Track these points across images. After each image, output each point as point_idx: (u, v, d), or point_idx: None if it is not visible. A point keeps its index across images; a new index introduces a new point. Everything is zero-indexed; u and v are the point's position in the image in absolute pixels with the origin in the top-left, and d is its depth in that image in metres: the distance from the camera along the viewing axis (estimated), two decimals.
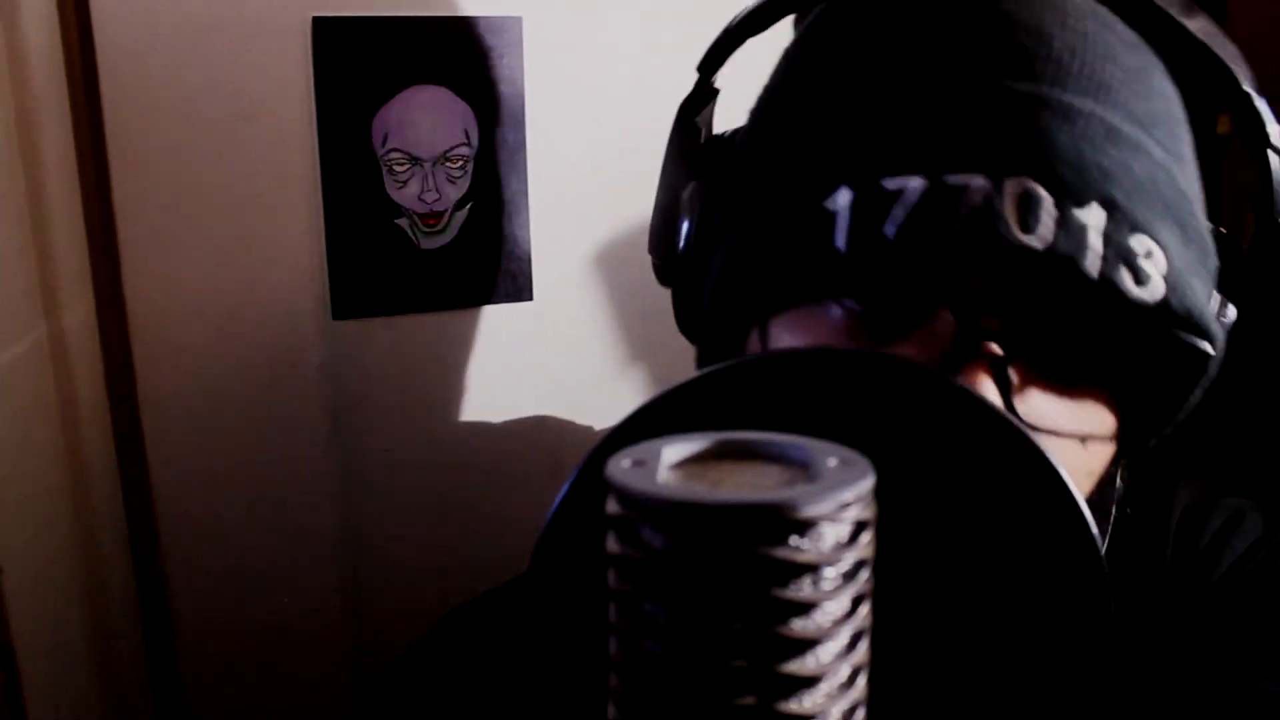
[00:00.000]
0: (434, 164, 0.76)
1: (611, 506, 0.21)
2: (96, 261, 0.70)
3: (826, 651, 0.20)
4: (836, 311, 0.43)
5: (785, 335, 0.45)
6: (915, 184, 0.39)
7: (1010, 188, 0.38)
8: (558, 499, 0.33)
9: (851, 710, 0.21)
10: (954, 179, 0.39)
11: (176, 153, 0.70)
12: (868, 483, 0.21)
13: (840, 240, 0.40)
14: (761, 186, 0.45)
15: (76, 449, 0.71)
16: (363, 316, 0.77)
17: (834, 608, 0.20)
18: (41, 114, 0.67)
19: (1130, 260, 0.39)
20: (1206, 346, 0.41)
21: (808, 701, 0.20)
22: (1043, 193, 0.38)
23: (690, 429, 0.24)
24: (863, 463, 0.21)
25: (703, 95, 0.52)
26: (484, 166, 0.78)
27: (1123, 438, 0.45)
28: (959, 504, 0.32)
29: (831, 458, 0.21)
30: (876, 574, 0.22)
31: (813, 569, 0.20)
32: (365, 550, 0.80)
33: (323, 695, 0.79)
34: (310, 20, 0.71)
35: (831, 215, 0.40)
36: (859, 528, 0.21)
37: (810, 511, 0.19)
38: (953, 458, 0.32)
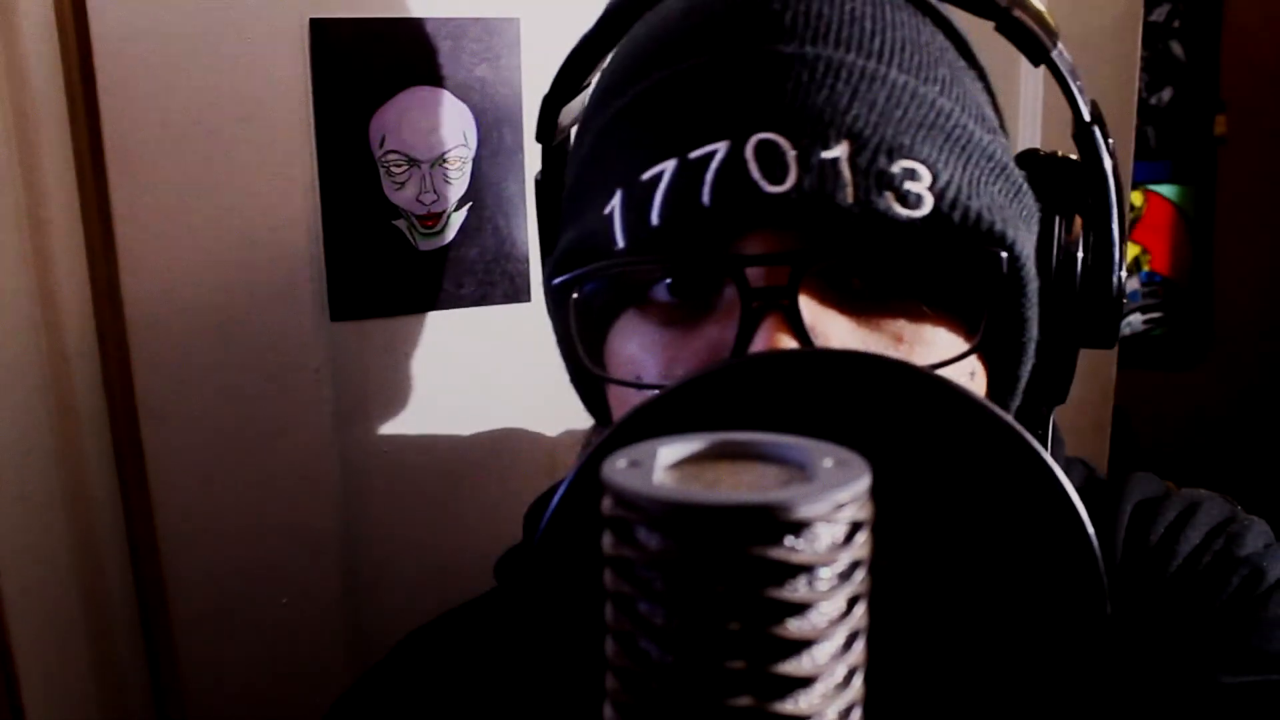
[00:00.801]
0: (432, 165, 0.76)
1: (607, 507, 0.21)
2: (94, 262, 0.70)
3: (822, 652, 0.20)
4: (651, 305, 0.46)
5: (617, 340, 0.47)
6: (668, 168, 0.42)
7: (750, 145, 0.41)
8: (555, 500, 0.33)
9: (848, 711, 0.21)
10: (696, 153, 0.41)
11: (174, 155, 0.70)
12: (863, 483, 0.21)
13: (619, 240, 0.43)
14: (565, 196, 0.49)
15: (75, 449, 0.71)
16: (361, 318, 0.77)
17: (830, 608, 0.20)
18: (40, 117, 0.67)
19: (889, 183, 0.41)
20: (1000, 254, 0.42)
21: (804, 702, 0.20)
22: (782, 141, 0.41)
23: (687, 430, 0.24)
24: (859, 463, 0.21)
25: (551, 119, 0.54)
26: (482, 168, 0.78)
27: (989, 366, 0.47)
28: (955, 504, 0.32)
29: (827, 458, 0.22)
30: (872, 574, 0.22)
31: (808, 569, 0.20)
32: (365, 550, 0.80)
33: (322, 695, 0.78)
34: (308, 22, 0.72)
35: (609, 218, 0.43)
36: (855, 528, 0.21)
37: (805, 512, 0.20)
38: (949, 458, 0.32)
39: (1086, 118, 0.48)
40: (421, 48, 0.74)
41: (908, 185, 0.41)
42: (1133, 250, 2.09)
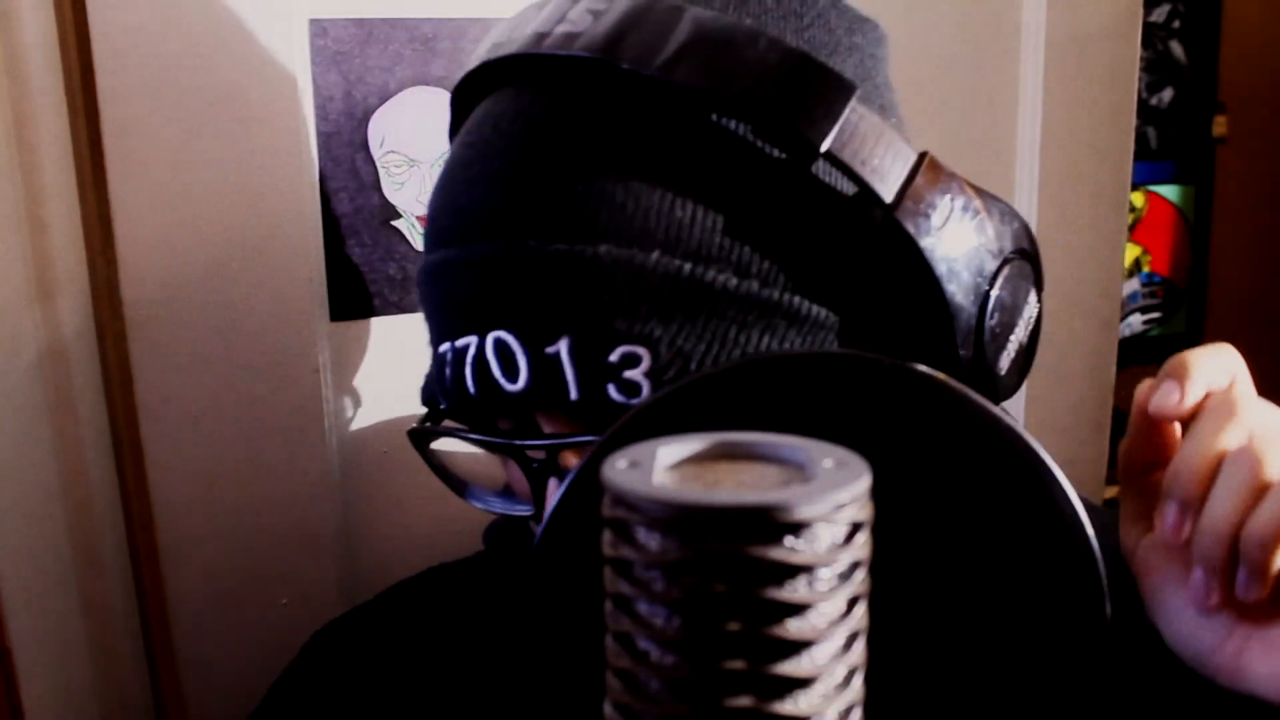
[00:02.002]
0: (432, 166, 0.76)
1: (607, 508, 0.21)
2: (94, 262, 0.70)
3: (822, 652, 0.20)
4: None
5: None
6: (447, 352, 0.47)
7: (490, 343, 0.44)
8: (555, 500, 0.33)
9: (847, 711, 0.21)
10: (459, 342, 0.46)
11: (174, 154, 0.70)
12: (863, 484, 0.21)
13: (441, 401, 0.49)
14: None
15: (74, 450, 0.71)
16: (361, 318, 0.77)
17: (829, 609, 0.20)
18: (39, 116, 0.67)
19: (610, 374, 0.43)
20: None
21: (803, 702, 0.20)
22: (512, 340, 0.44)
23: (686, 430, 0.24)
24: (858, 464, 0.21)
25: None
26: None
27: None
28: (955, 505, 0.32)
29: (827, 459, 0.22)
30: (872, 574, 0.22)
31: (808, 570, 0.20)
32: (364, 550, 0.80)
33: None
34: (308, 22, 0.72)
35: (443, 357, 0.48)
36: (854, 529, 0.21)
37: (805, 513, 0.20)
38: (949, 459, 0.32)
39: (889, 200, 0.43)
40: (422, 48, 0.74)
41: (627, 373, 0.42)
42: (1133, 251, 2.09)
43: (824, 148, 0.41)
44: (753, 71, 0.42)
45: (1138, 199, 2.07)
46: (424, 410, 0.54)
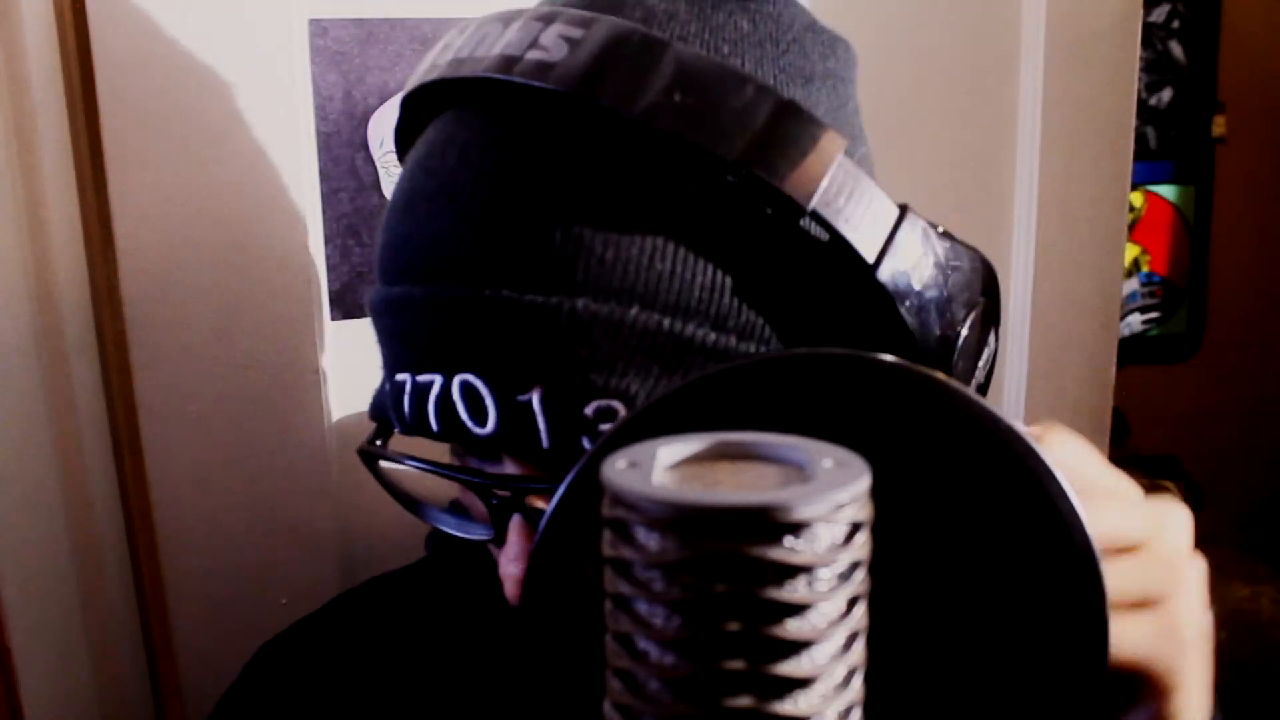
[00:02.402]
0: None
1: (607, 508, 0.21)
2: (94, 262, 0.70)
3: (822, 652, 0.20)
4: None
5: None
6: (407, 383, 0.45)
7: (456, 385, 0.43)
8: (554, 500, 0.33)
9: (847, 711, 0.21)
10: (422, 378, 0.44)
11: (173, 154, 0.70)
12: (863, 484, 0.21)
13: (396, 424, 0.48)
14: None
15: (74, 449, 0.71)
16: (360, 318, 0.77)
17: (829, 609, 0.20)
18: (39, 117, 0.67)
19: (584, 426, 0.42)
20: None
21: (803, 702, 0.20)
22: (480, 385, 0.43)
23: (686, 430, 0.24)
24: (858, 464, 0.21)
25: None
26: None
27: None
28: (954, 505, 0.32)
29: (827, 459, 0.22)
30: (872, 575, 0.22)
31: (808, 570, 0.20)
32: (364, 550, 0.80)
33: None
34: (307, 22, 0.72)
35: (389, 392, 0.48)
36: (854, 529, 0.21)
37: (805, 513, 0.20)
38: (948, 459, 0.32)
39: (870, 259, 0.42)
40: (422, 48, 0.74)
41: (602, 426, 0.42)
42: (1132, 251, 2.09)
43: (810, 207, 0.41)
44: (739, 124, 0.41)
45: (1137, 199, 2.07)
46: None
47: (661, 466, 0.22)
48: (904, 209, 0.43)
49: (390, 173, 0.75)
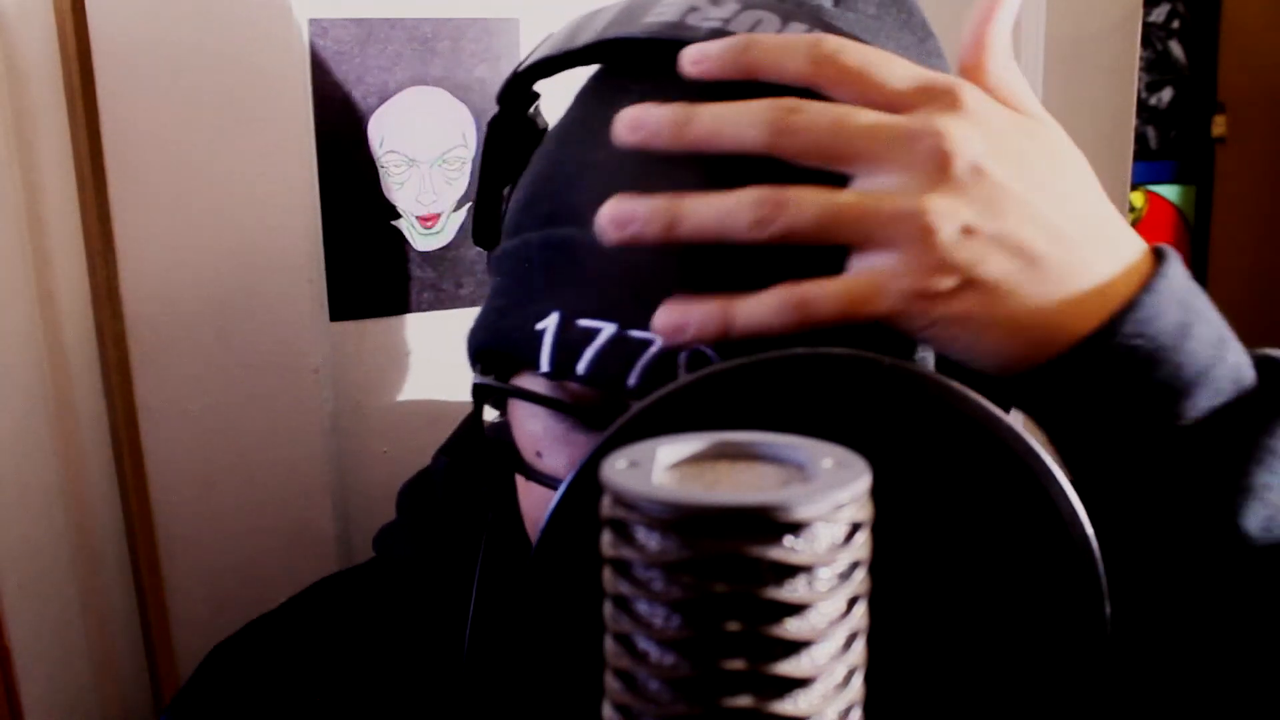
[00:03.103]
0: (431, 166, 0.76)
1: (607, 508, 0.21)
2: (93, 262, 0.70)
3: (822, 652, 0.20)
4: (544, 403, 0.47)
5: (521, 412, 0.49)
6: (606, 332, 0.42)
7: (684, 354, 0.41)
8: (555, 500, 0.33)
9: (847, 711, 0.21)
10: (635, 334, 0.42)
11: (174, 155, 0.70)
12: (863, 483, 0.21)
13: (544, 362, 0.44)
14: (507, 262, 0.48)
15: (73, 450, 0.71)
16: (360, 318, 0.77)
17: (829, 608, 0.20)
18: (39, 117, 0.67)
19: None
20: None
21: (803, 702, 0.20)
22: (711, 355, 0.41)
23: (686, 430, 0.24)
24: (858, 463, 0.21)
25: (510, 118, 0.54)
26: None
27: None
28: (954, 505, 0.32)
29: (827, 459, 0.22)
30: (872, 574, 0.22)
31: (807, 570, 0.20)
32: (363, 551, 0.80)
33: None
34: (307, 22, 0.72)
35: (539, 334, 0.44)
36: (854, 528, 0.21)
37: (805, 512, 0.20)
38: (948, 459, 0.32)
39: None
40: (421, 48, 0.74)
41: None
42: None
43: None
44: None
45: (1137, 199, 2.07)
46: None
47: (661, 466, 0.22)
48: None
49: (390, 173, 0.75)
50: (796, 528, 0.20)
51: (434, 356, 0.79)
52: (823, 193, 0.38)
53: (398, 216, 0.76)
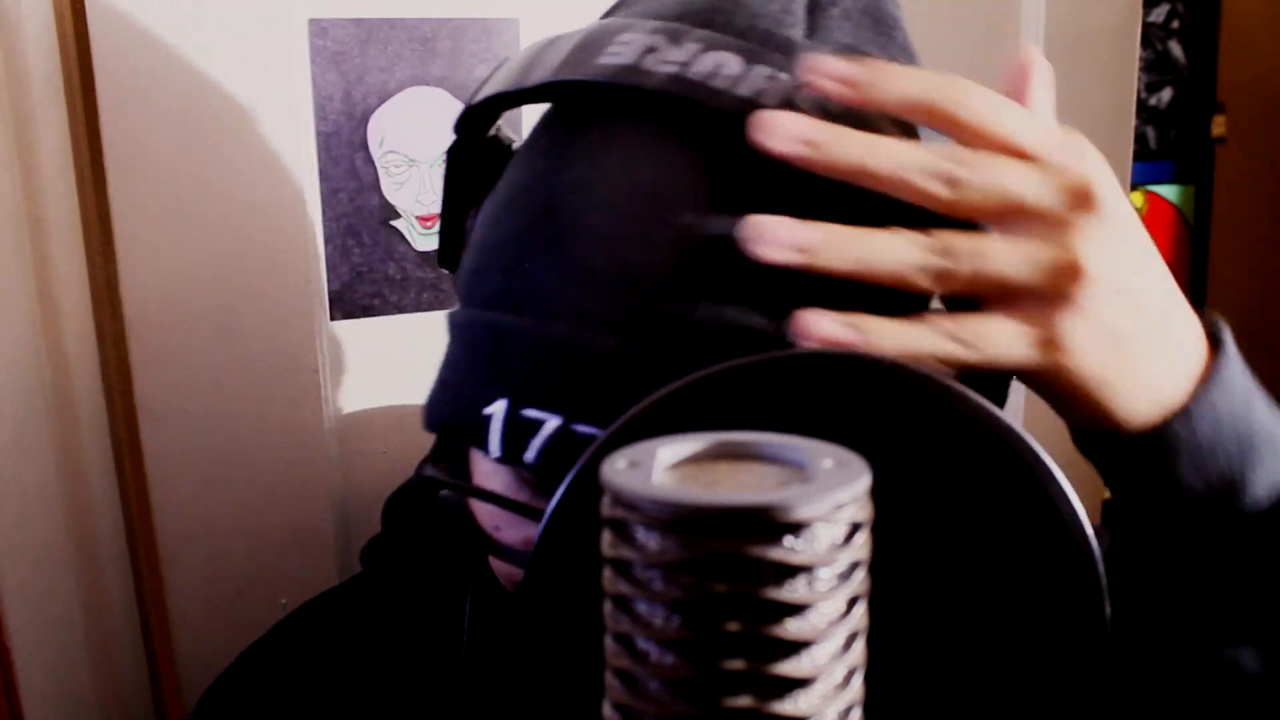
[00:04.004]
0: (431, 166, 0.76)
1: (607, 508, 0.21)
2: (93, 262, 0.70)
3: (821, 652, 0.20)
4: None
5: (480, 475, 0.48)
6: (553, 422, 0.41)
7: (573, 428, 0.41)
8: (554, 500, 0.33)
9: (847, 711, 0.21)
10: (582, 429, 0.41)
11: (173, 154, 0.70)
12: (863, 484, 0.21)
13: (493, 448, 0.43)
14: (457, 333, 0.47)
15: (73, 450, 0.71)
16: (360, 317, 0.77)
17: (829, 609, 0.20)
18: (39, 117, 0.67)
19: None
20: None
21: (803, 702, 0.20)
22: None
23: (686, 430, 0.24)
24: (858, 464, 0.21)
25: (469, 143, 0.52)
26: None
27: None
28: (954, 505, 0.32)
29: (827, 459, 0.22)
30: (872, 574, 0.22)
31: (807, 570, 0.20)
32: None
33: None
34: (307, 22, 0.72)
35: (488, 419, 0.43)
36: (854, 529, 0.21)
37: (804, 513, 0.20)
38: (948, 459, 0.32)
39: None
40: (421, 48, 0.74)
41: None
42: None
43: None
44: None
45: (1137, 199, 2.07)
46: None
47: (661, 466, 0.22)
48: None
49: (390, 173, 0.75)
50: (796, 528, 0.20)
51: (434, 357, 0.79)
52: (992, 243, 0.37)
53: (398, 216, 0.76)
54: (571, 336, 0.41)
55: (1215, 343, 0.43)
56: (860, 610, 0.21)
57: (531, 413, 0.42)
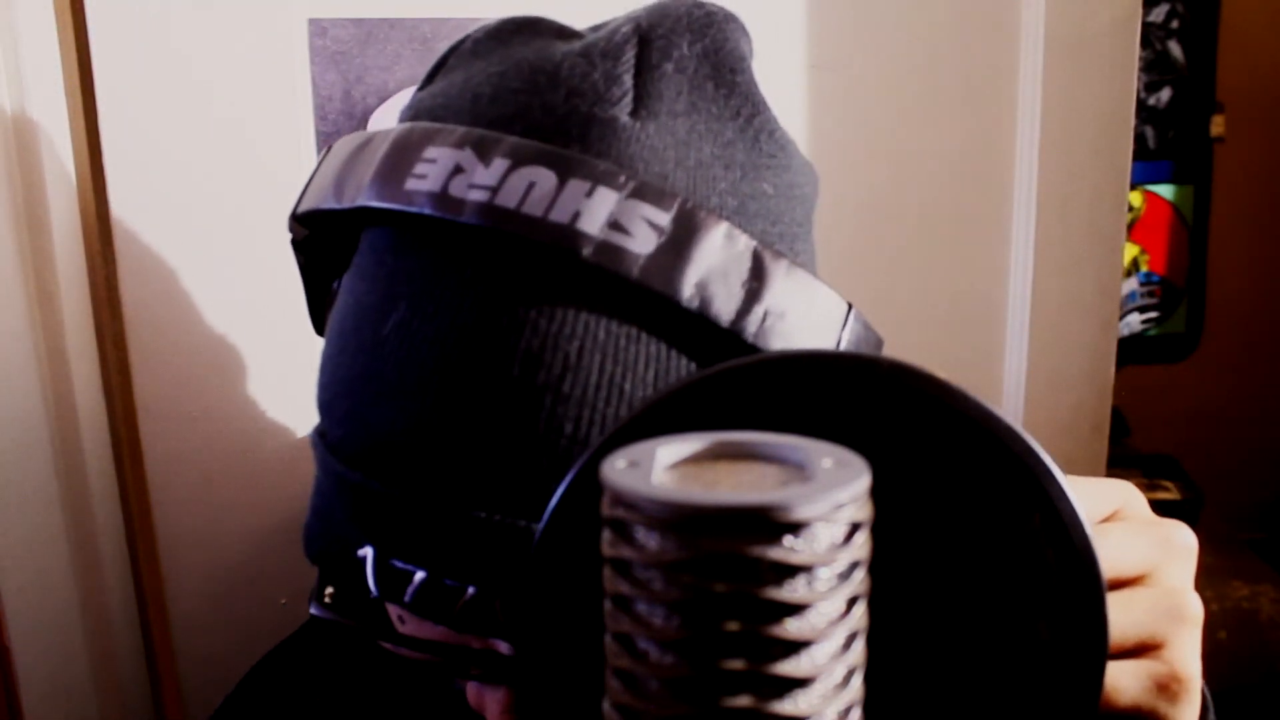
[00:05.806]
0: None
1: (607, 507, 0.21)
2: (93, 264, 0.70)
3: (821, 652, 0.20)
4: None
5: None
6: (420, 575, 0.41)
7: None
8: (554, 500, 0.33)
9: (847, 711, 0.21)
10: (451, 583, 0.41)
11: (173, 155, 0.70)
12: (863, 483, 0.21)
13: (371, 588, 0.42)
14: (319, 456, 0.45)
15: (73, 451, 0.71)
16: None
17: (829, 608, 0.20)
18: (39, 119, 0.67)
19: None
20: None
21: (803, 702, 0.20)
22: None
23: (686, 430, 0.24)
24: (858, 463, 0.21)
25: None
26: None
27: None
28: (953, 504, 0.32)
29: (827, 459, 0.22)
30: (872, 574, 0.22)
31: (807, 570, 0.20)
32: None
33: None
34: (307, 22, 0.72)
35: (362, 560, 0.43)
36: (854, 528, 0.21)
37: (804, 512, 0.20)
38: (947, 459, 0.32)
39: None
40: (421, 48, 0.74)
41: None
42: (1131, 250, 2.09)
43: None
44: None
45: (1136, 199, 2.07)
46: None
47: (661, 466, 0.22)
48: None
49: None
50: (796, 528, 0.20)
51: None
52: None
53: None
54: (424, 497, 0.40)
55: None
56: (860, 610, 0.21)
57: (400, 564, 0.42)
